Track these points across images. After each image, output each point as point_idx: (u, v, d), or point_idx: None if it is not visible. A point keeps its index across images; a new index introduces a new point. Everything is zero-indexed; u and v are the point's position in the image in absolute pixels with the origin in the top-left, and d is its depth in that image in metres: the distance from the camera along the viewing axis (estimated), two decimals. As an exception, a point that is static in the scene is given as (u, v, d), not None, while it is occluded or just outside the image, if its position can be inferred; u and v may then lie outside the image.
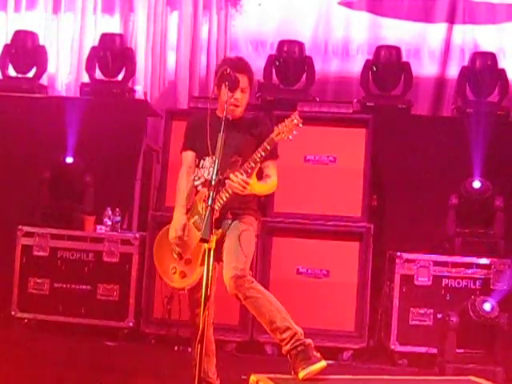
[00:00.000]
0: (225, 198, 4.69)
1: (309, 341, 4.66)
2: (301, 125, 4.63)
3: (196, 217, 4.81)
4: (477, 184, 7.20)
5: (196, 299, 4.65)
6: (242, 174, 4.61)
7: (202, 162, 4.87)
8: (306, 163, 7.23)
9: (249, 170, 4.65)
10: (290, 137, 4.65)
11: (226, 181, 4.61)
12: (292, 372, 4.59)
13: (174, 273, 4.88)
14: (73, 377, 5.81)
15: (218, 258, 4.62)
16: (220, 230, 4.70)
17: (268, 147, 4.65)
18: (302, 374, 4.52)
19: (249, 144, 4.80)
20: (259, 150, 4.66)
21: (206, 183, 4.73)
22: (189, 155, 4.99)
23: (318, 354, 4.65)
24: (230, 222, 4.82)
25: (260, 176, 4.81)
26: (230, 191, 4.65)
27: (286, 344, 4.62)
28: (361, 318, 6.96)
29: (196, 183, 4.89)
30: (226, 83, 4.62)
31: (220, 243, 4.64)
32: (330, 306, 6.99)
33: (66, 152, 7.79)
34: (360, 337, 6.95)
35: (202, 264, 4.68)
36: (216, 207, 4.53)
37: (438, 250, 7.09)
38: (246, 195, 4.71)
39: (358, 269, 7.01)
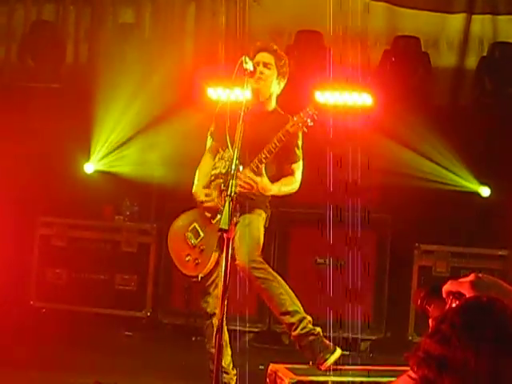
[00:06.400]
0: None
1: (318, 329, 4.66)
2: (315, 116, 4.60)
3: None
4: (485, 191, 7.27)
5: (204, 288, 4.76)
6: (251, 171, 4.61)
7: (221, 153, 4.85)
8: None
9: (263, 160, 4.62)
10: (305, 128, 4.62)
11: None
12: (310, 363, 4.59)
13: (188, 260, 4.90)
14: (90, 366, 5.83)
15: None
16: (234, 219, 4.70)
17: (283, 138, 4.61)
18: (325, 366, 4.54)
19: None
20: (274, 140, 4.62)
21: (219, 176, 4.76)
22: (208, 141, 5.03)
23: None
24: (239, 213, 4.79)
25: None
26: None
27: (295, 329, 4.62)
28: (378, 308, 6.95)
29: (212, 172, 4.88)
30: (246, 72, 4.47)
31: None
32: (348, 296, 6.96)
33: (87, 142, 7.83)
34: (378, 327, 6.94)
35: (217, 249, 4.71)
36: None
37: (457, 241, 7.06)
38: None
39: (375, 259, 6.99)
